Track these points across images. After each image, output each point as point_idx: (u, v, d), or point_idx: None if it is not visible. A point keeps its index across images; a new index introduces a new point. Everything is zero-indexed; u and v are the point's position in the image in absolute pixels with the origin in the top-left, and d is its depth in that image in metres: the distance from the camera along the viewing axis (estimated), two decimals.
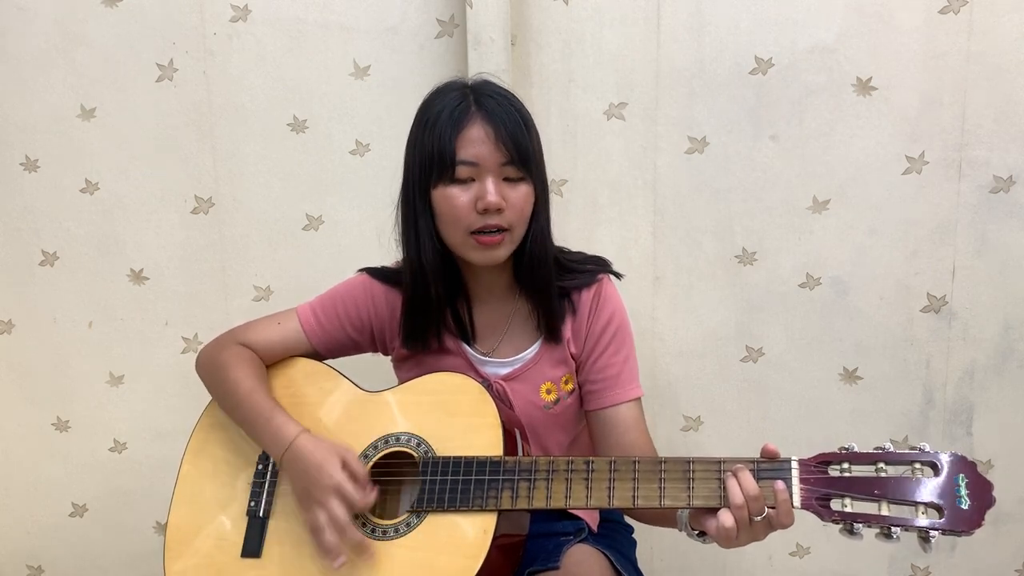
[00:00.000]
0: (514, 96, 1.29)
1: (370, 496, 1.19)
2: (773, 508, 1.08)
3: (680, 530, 1.19)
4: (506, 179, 1.24)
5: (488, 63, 1.76)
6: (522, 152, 1.23)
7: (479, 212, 1.23)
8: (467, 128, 1.22)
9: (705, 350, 1.94)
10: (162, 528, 1.93)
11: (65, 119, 1.91)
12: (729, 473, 1.10)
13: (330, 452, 1.20)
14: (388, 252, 1.42)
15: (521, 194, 1.25)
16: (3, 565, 2.12)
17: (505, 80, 1.74)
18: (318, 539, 1.19)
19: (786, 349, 1.91)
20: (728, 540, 1.09)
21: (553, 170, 1.32)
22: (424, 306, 1.33)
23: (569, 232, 1.86)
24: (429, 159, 1.24)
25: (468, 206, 1.23)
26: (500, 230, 1.25)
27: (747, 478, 1.08)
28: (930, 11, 1.75)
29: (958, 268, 1.84)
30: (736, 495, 1.07)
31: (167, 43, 1.87)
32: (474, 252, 1.27)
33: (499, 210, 1.23)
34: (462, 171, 1.23)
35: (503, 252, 1.28)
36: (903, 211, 1.83)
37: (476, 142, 1.22)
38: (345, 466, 1.19)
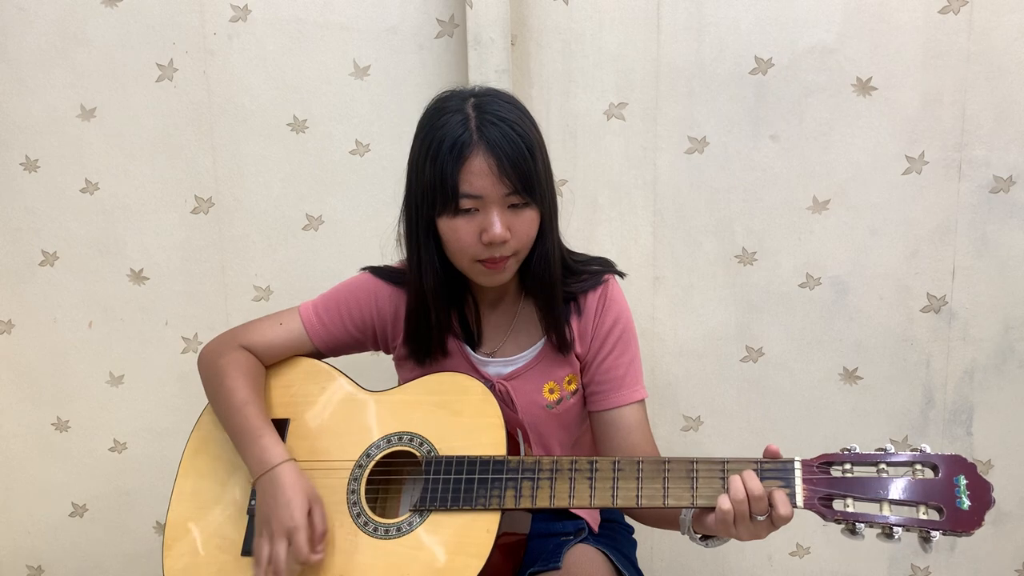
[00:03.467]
0: (519, 114, 1.25)
1: (315, 556, 1.19)
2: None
3: (683, 533, 1.19)
4: (511, 206, 1.22)
5: (488, 63, 1.76)
6: (525, 181, 1.21)
7: (484, 244, 1.22)
8: (469, 160, 1.19)
9: (705, 350, 1.94)
10: (162, 528, 1.93)
11: (65, 119, 1.91)
12: (735, 475, 1.10)
13: (302, 494, 1.20)
14: (389, 256, 1.42)
15: (526, 220, 1.24)
16: (3, 565, 2.12)
17: (505, 80, 1.75)
18: (255, 570, 1.20)
19: (786, 349, 1.91)
20: (726, 526, 1.09)
21: (553, 170, 1.32)
22: (428, 326, 1.33)
23: (569, 232, 1.84)
24: (432, 189, 1.22)
25: (473, 236, 1.22)
26: (504, 256, 1.24)
27: (751, 477, 1.08)
28: (930, 11, 1.75)
29: (958, 268, 1.84)
30: (738, 490, 1.07)
31: (167, 43, 1.87)
32: (480, 276, 1.28)
33: (504, 241, 1.22)
34: (465, 203, 1.21)
35: (508, 275, 1.29)
36: (903, 211, 1.83)
37: (478, 174, 1.19)
38: (310, 515, 1.19)
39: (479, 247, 1.23)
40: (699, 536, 1.17)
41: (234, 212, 1.94)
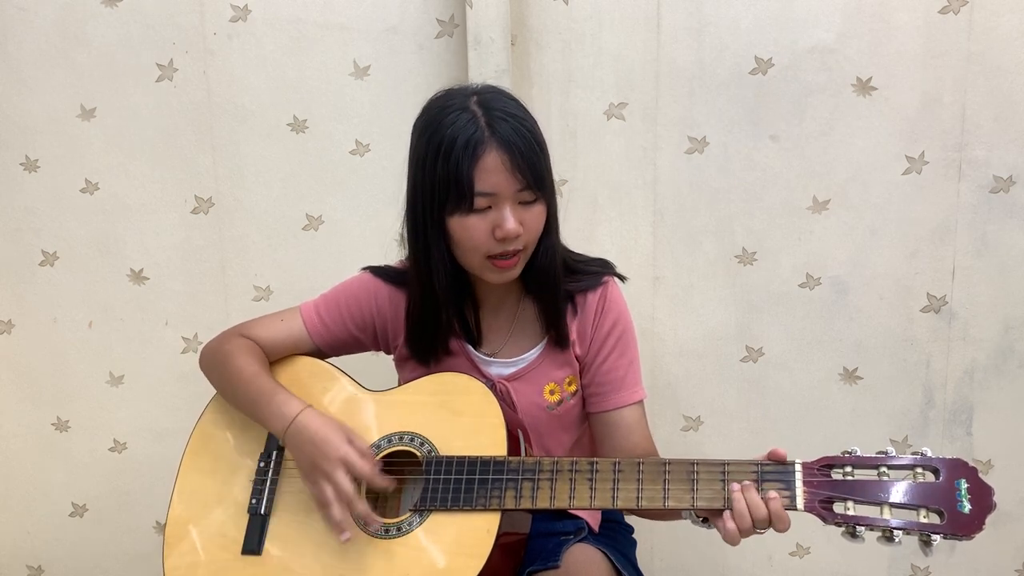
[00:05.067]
0: (524, 111, 1.25)
1: (375, 469, 1.20)
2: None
3: (685, 517, 1.19)
4: (521, 202, 1.23)
5: (488, 63, 1.76)
6: (537, 176, 1.22)
7: (497, 240, 1.22)
8: (483, 158, 1.19)
9: (705, 350, 1.94)
10: (162, 528, 1.93)
11: (65, 119, 1.91)
12: (738, 490, 1.10)
13: (335, 427, 1.21)
14: (390, 257, 1.42)
15: (535, 215, 1.25)
16: (3, 565, 2.12)
17: (505, 80, 1.75)
18: (326, 513, 1.19)
19: (786, 349, 1.91)
20: (732, 542, 1.11)
21: (554, 170, 1.32)
22: (433, 325, 1.33)
23: (569, 232, 1.84)
24: (444, 188, 1.21)
25: (486, 233, 1.22)
26: (515, 251, 1.25)
27: (754, 499, 1.09)
28: (930, 11, 1.75)
29: (958, 268, 1.84)
30: (744, 519, 1.09)
31: (167, 43, 1.87)
32: (491, 273, 1.27)
33: (516, 236, 1.23)
34: (480, 202, 1.20)
35: (518, 270, 1.28)
36: (903, 211, 1.83)
37: (492, 171, 1.19)
38: (351, 442, 1.20)
39: (491, 243, 1.23)
40: (701, 519, 1.17)
41: (234, 212, 1.94)
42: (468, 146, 1.19)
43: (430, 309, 1.32)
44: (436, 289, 1.29)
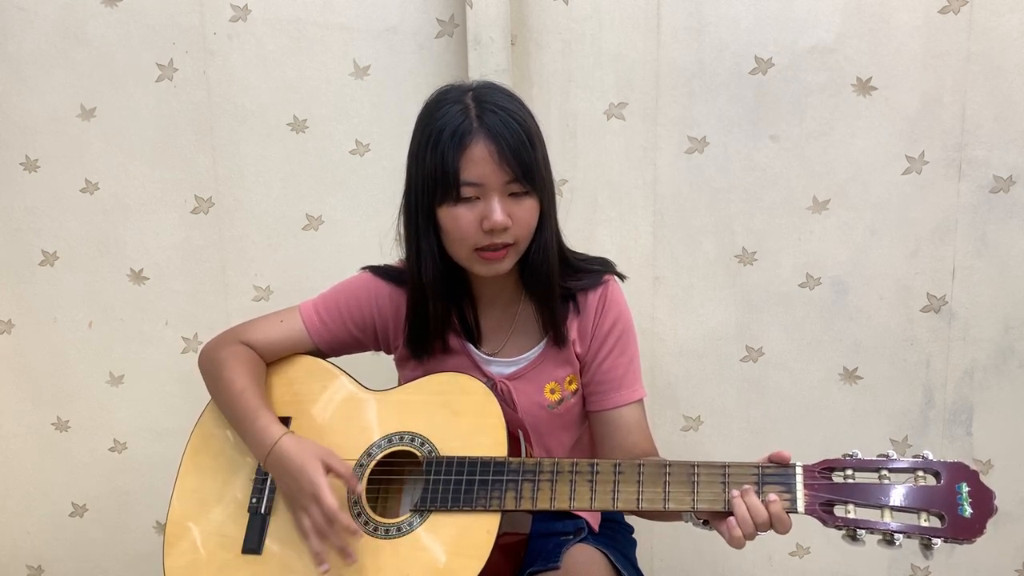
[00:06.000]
0: (518, 105, 1.26)
1: (357, 489, 1.21)
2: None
3: (686, 521, 1.20)
4: (511, 195, 1.23)
5: (488, 63, 1.76)
6: (526, 168, 1.22)
7: (485, 231, 1.22)
8: (469, 148, 1.20)
9: (705, 350, 1.94)
10: (162, 528, 1.93)
11: (65, 119, 1.91)
12: (738, 496, 1.10)
13: (311, 456, 1.20)
14: (389, 257, 1.42)
15: (526, 208, 1.25)
16: (3, 565, 2.12)
17: (505, 80, 1.74)
18: (306, 543, 1.20)
19: (786, 349, 1.91)
20: (737, 546, 1.11)
21: (554, 170, 1.32)
22: (426, 319, 1.34)
23: (569, 232, 1.83)
24: (432, 178, 1.23)
25: (473, 225, 1.23)
26: (505, 245, 1.25)
27: (755, 503, 1.09)
28: (930, 11, 1.75)
29: (958, 268, 1.84)
30: (747, 525, 1.09)
31: (167, 43, 1.87)
32: (479, 266, 1.27)
33: (505, 228, 1.23)
34: (466, 191, 1.21)
35: (507, 264, 1.28)
36: (903, 211, 1.83)
37: (479, 162, 1.20)
38: (328, 469, 1.19)
39: (479, 235, 1.23)
40: (701, 521, 1.17)
41: (234, 212, 1.94)
42: (455, 135, 1.20)
43: (421, 301, 1.32)
44: (423, 280, 1.30)
